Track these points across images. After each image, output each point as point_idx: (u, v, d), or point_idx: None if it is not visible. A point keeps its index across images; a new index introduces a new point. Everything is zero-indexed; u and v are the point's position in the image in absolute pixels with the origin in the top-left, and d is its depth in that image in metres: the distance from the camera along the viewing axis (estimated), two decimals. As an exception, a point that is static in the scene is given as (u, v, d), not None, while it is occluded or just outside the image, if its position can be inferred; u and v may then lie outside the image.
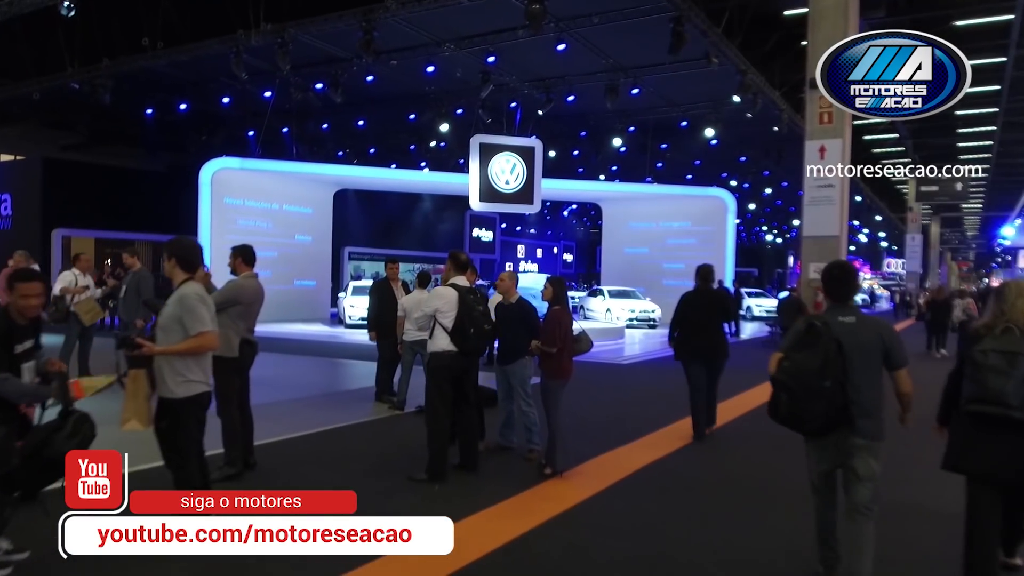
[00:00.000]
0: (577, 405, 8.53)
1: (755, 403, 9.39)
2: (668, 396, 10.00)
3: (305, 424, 7.22)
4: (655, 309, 22.64)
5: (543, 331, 5.41)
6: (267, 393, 9.18)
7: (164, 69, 19.91)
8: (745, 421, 8.30)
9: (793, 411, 3.49)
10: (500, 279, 6.07)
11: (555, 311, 5.42)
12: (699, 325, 7.12)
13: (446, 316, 5.11)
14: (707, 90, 21.14)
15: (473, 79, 18.93)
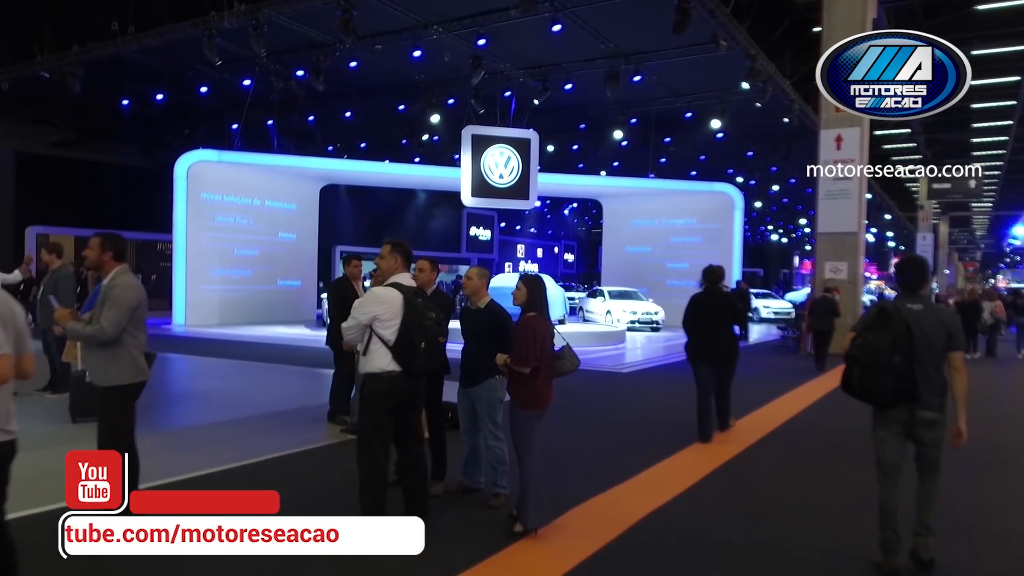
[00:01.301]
0: (564, 427, 7.33)
1: (774, 421, 8.14)
2: (674, 411, 8.76)
3: (231, 454, 5.97)
4: (658, 311, 21.38)
5: (513, 345, 4.18)
6: (201, 413, 8.23)
7: (136, 56, 18.81)
8: (764, 449, 7.05)
9: (864, 384, 3.90)
10: (467, 276, 4.85)
11: (528, 319, 4.18)
12: (708, 327, 7.06)
13: (386, 326, 3.89)
14: (713, 78, 19.92)
15: (463, 65, 17.71)
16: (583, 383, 10.76)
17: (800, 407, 9.33)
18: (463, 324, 4.86)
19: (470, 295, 4.80)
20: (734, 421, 7.73)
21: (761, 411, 8.91)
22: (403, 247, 4.22)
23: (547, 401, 4.29)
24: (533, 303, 4.22)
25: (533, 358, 4.08)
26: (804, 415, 8.85)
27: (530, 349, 4.06)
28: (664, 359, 14.53)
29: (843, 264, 15.85)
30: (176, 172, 19.61)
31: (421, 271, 4.99)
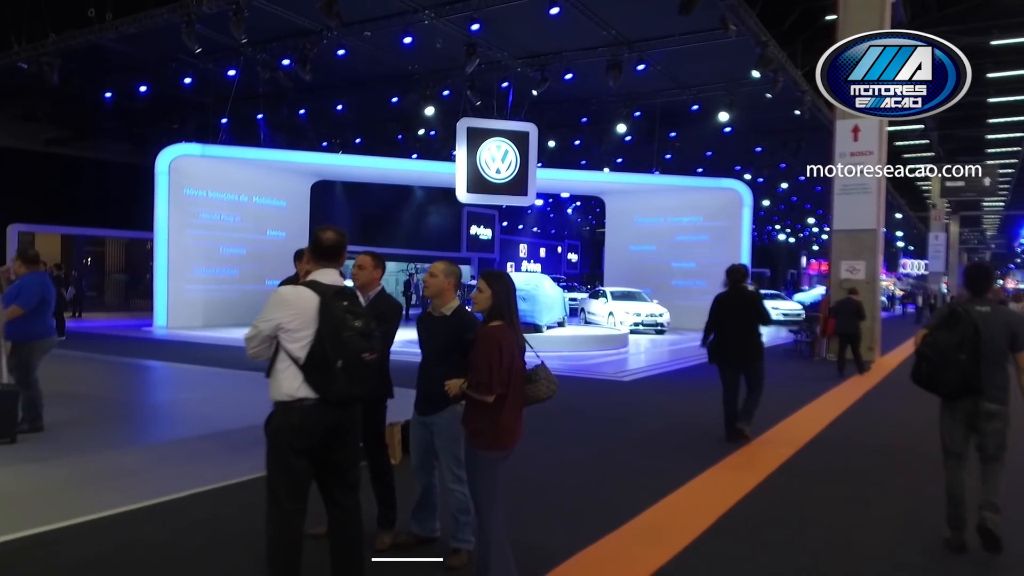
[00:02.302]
0: (550, 451, 6.37)
1: (797, 439, 7.14)
2: (682, 428, 7.80)
3: (156, 486, 5.01)
4: (663, 312, 20.39)
5: (472, 365, 3.21)
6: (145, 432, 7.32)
7: (116, 45, 17.96)
8: (790, 475, 6.08)
9: (932, 376, 4.33)
10: (429, 273, 3.87)
11: (492, 331, 3.22)
12: (733, 327, 6.98)
13: (294, 337, 2.96)
14: (721, 68, 18.94)
15: (457, 54, 16.75)
16: (579, 394, 9.81)
17: (825, 420, 8.36)
18: (420, 335, 3.90)
19: (432, 297, 3.83)
20: (749, 429, 7.09)
21: (780, 426, 7.93)
22: (319, 241, 3.19)
23: (514, 438, 3.32)
24: (499, 308, 3.23)
25: (498, 382, 3.12)
26: (832, 430, 7.87)
27: (494, 370, 3.09)
28: (669, 365, 13.56)
29: (860, 263, 14.86)
30: (158, 167, 18.73)
31: (361, 268, 4.05)
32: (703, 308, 23.17)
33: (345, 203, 30.68)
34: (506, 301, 3.24)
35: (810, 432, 7.65)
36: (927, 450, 7.03)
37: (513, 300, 3.28)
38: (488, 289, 3.25)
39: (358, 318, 2.99)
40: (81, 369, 11.20)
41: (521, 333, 3.28)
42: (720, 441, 7.07)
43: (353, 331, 2.94)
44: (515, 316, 3.27)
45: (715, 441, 7.11)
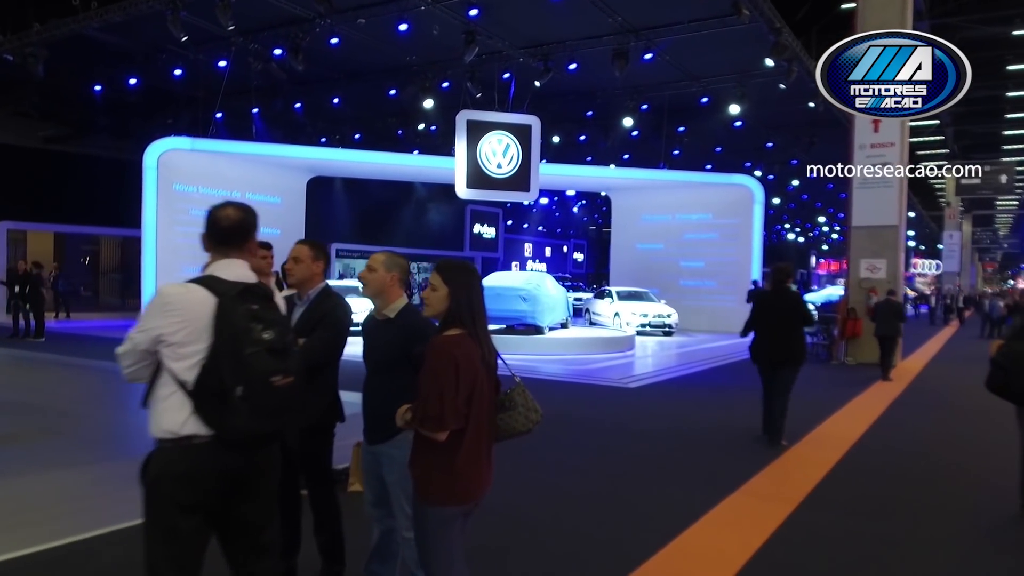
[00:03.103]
0: (540, 474, 5.59)
1: (828, 457, 6.33)
2: (695, 444, 7.00)
3: (60, 526, 4.24)
4: (671, 313, 19.57)
5: (419, 390, 2.39)
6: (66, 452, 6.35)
7: (101, 35, 17.29)
8: (814, 509, 5.28)
9: (1007, 384, 4.68)
10: (367, 267, 3.07)
11: (445, 343, 2.39)
12: (775, 328, 6.87)
13: (179, 353, 2.19)
14: (732, 57, 18.13)
15: (456, 43, 15.99)
16: (579, 402, 9.04)
17: (854, 434, 7.55)
18: (364, 343, 3.13)
19: (373, 297, 3.07)
20: (786, 441, 6.94)
21: (807, 441, 7.14)
22: (216, 222, 2.40)
23: (478, 489, 2.49)
24: (458, 311, 2.41)
25: (453, 414, 2.31)
26: (863, 447, 7.06)
27: (447, 397, 2.29)
28: (678, 370, 12.76)
29: (880, 262, 14.04)
30: (145, 161, 18.04)
31: (296, 261, 3.29)
32: (712, 309, 22.45)
33: (344, 200, 29.98)
34: (467, 302, 2.41)
35: (840, 449, 6.85)
36: (972, 470, 6.37)
37: (478, 300, 2.46)
38: (443, 286, 2.41)
39: (269, 328, 2.22)
40: (43, 376, 10.50)
41: (490, 344, 2.50)
42: (738, 459, 6.30)
43: (259, 345, 2.17)
44: (481, 322, 2.46)
45: (732, 459, 6.34)
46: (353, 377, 3.42)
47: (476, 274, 2.50)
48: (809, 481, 5.67)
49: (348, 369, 3.47)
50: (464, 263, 2.53)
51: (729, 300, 21.74)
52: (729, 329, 21.20)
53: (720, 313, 21.75)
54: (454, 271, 2.45)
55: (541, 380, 10.94)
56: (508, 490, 4.88)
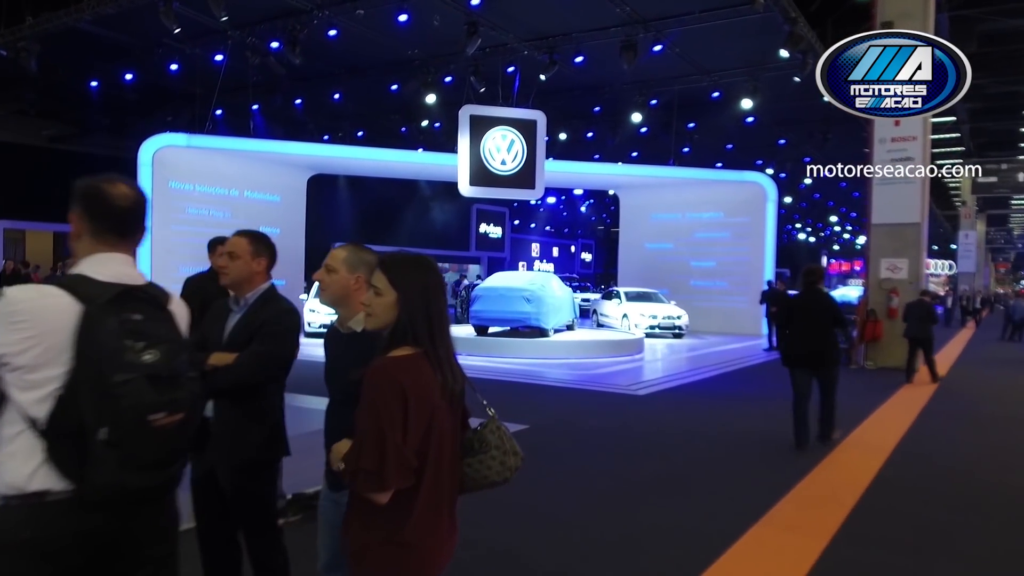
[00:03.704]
0: (536, 500, 5.01)
1: (859, 477, 5.73)
2: (712, 460, 6.40)
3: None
4: (681, 315, 18.94)
5: (354, 431, 1.74)
6: None
7: (94, 28, 16.85)
8: (849, 543, 4.68)
9: None
10: (325, 267, 2.51)
11: (389, 368, 1.74)
12: (806, 330, 6.81)
13: (32, 381, 1.59)
14: (745, 49, 17.52)
15: (458, 36, 15.44)
16: (586, 412, 8.47)
17: (884, 449, 6.95)
18: (325, 364, 2.57)
19: (333, 304, 2.51)
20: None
21: (834, 457, 6.54)
22: (110, 196, 1.82)
23: (433, 565, 1.85)
24: (410, 324, 1.79)
25: (397, 468, 1.69)
26: (896, 464, 6.46)
27: (390, 446, 1.68)
28: (690, 374, 12.15)
29: (902, 261, 13.39)
30: (140, 158, 17.56)
31: (232, 257, 2.72)
32: (723, 310, 21.83)
33: (347, 199, 29.50)
34: (423, 310, 1.79)
35: (871, 467, 6.24)
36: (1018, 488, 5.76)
37: (438, 308, 1.84)
38: (390, 289, 1.79)
39: (153, 347, 1.65)
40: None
41: (455, 366, 1.88)
42: (759, 480, 5.71)
43: (135, 371, 1.60)
44: (442, 337, 1.84)
45: (753, 479, 5.75)
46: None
47: (435, 272, 1.88)
48: (841, 506, 5.07)
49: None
50: (419, 258, 1.89)
51: (741, 301, 21.11)
52: (741, 331, 20.62)
53: (732, 314, 21.12)
54: (405, 268, 1.82)
55: (545, 386, 10.37)
56: (503, 519, 4.32)
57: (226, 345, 2.64)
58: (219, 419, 2.61)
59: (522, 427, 7.18)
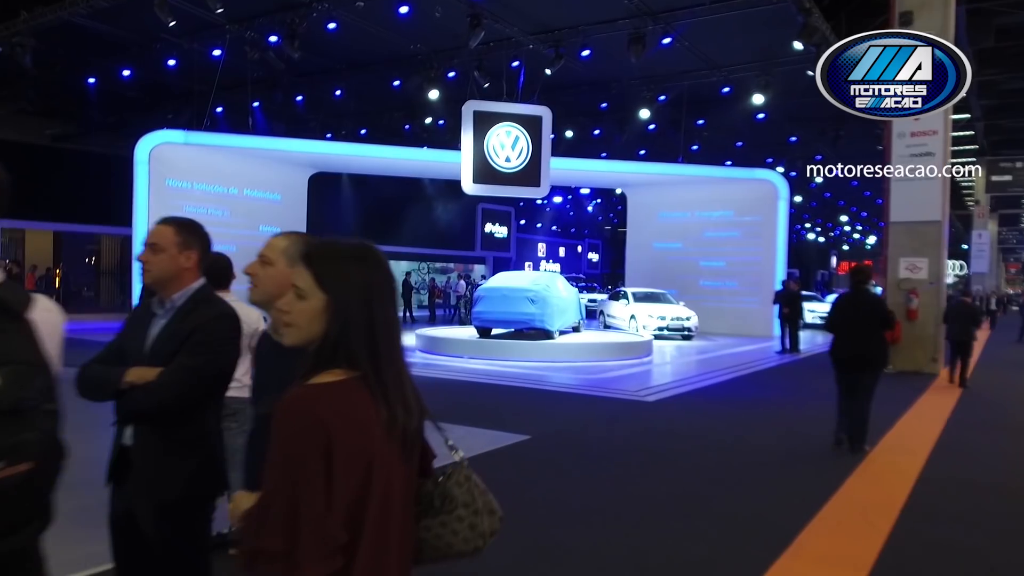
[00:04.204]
0: (534, 523, 4.53)
1: (892, 498, 5.23)
2: (729, 479, 5.90)
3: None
4: (690, 316, 18.43)
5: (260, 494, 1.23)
6: None
7: (89, 23, 16.50)
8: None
9: None
10: (260, 259, 2.10)
11: (305, 399, 1.23)
12: (854, 330, 6.71)
13: None
14: (756, 43, 17.03)
15: (462, 29, 14.99)
16: (592, 421, 7.99)
17: (915, 463, 6.45)
18: (254, 378, 2.10)
19: (265, 304, 2.05)
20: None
21: (861, 474, 6.04)
22: None
23: None
24: (342, 339, 1.27)
25: (316, 549, 1.17)
26: (930, 482, 5.96)
27: (301, 516, 1.17)
28: (700, 379, 11.64)
29: (922, 261, 12.86)
30: (136, 156, 17.21)
31: (154, 250, 2.25)
32: (734, 311, 21.31)
33: (350, 198, 29.08)
34: (364, 319, 1.30)
35: (904, 485, 5.74)
36: None
37: (384, 316, 1.33)
38: (317, 290, 1.30)
39: None
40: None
41: (407, 396, 1.34)
42: (781, 500, 5.23)
43: None
44: (389, 356, 1.32)
45: (776, 496, 5.27)
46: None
47: (380, 267, 1.36)
48: (876, 533, 4.57)
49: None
50: (359, 247, 1.37)
51: (752, 302, 20.59)
52: (752, 333, 20.09)
53: (742, 315, 20.60)
54: (337, 262, 1.32)
55: (549, 392, 9.91)
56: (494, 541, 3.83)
57: (148, 357, 2.18)
58: (139, 448, 2.16)
59: (522, 438, 6.72)
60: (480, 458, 6.02)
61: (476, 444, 6.41)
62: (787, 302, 15.84)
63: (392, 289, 1.36)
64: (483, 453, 6.15)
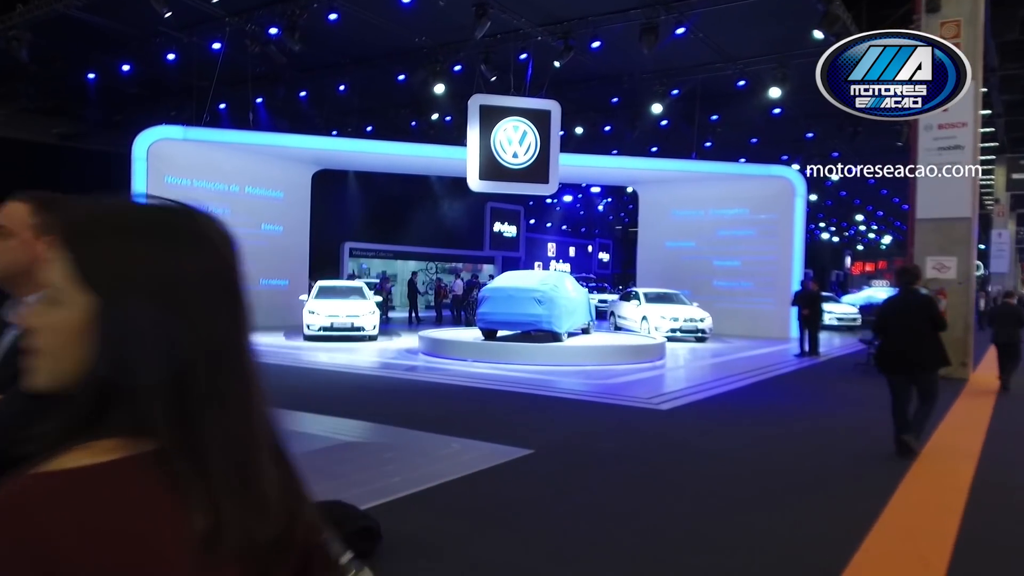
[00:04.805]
0: (531, 544, 3.97)
1: (942, 526, 4.63)
2: (756, 501, 5.31)
3: None
4: (704, 317, 17.80)
5: None
6: None
7: (85, 16, 16.09)
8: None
9: None
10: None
11: (11, 503, 0.64)
12: (904, 333, 6.55)
13: None
14: (773, 34, 16.42)
15: (467, 19, 14.46)
16: (602, 431, 7.42)
17: (960, 483, 5.85)
18: None
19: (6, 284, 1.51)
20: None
21: (904, 495, 5.45)
22: None
23: None
24: (108, 387, 0.69)
25: None
26: (979, 506, 5.36)
27: None
28: (717, 384, 11.04)
29: (950, 260, 12.21)
30: (135, 152, 16.79)
31: (5, 235, 1.67)
32: (749, 312, 20.60)
33: (356, 196, 28.62)
34: (167, 342, 0.70)
35: (952, 509, 5.14)
36: None
37: (211, 338, 0.74)
38: (77, 289, 0.71)
39: None
40: None
41: (263, 481, 0.75)
42: (816, 528, 4.64)
43: None
44: (222, 412, 0.72)
45: (808, 526, 4.68)
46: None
47: (199, 244, 0.79)
48: (924, 568, 3.98)
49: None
50: (156, 212, 0.81)
51: (768, 302, 19.96)
52: (768, 335, 19.45)
53: (758, 317, 19.96)
54: (115, 240, 0.73)
55: (556, 398, 9.34)
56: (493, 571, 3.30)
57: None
58: None
59: (526, 452, 6.17)
60: (475, 477, 5.47)
61: (472, 460, 5.86)
62: (807, 303, 15.19)
63: (232, 285, 0.80)
64: (479, 471, 5.60)
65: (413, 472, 5.50)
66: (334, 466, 5.56)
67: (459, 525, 4.43)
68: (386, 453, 6.10)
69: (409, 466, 5.66)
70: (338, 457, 5.87)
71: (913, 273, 6.85)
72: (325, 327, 15.32)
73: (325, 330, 15.33)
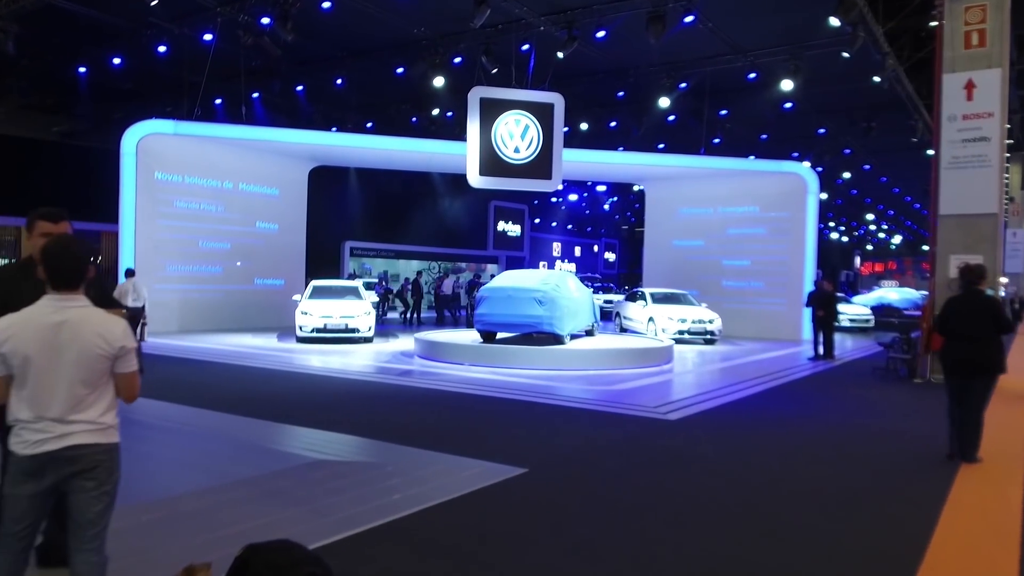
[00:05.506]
0: None
1: (994, 559, 3.99)
2: (783, 536, 4.65)
3: None
4: (713, 318, 17.12)
5: None
6: None
7: (72, 6, 15.54)
8: None
9: None
10: None
11: None
12: (965, 334, 6.29)
13: None
14: (786, 23, 15.77)
15: (466, 8, 13.83)
16: (603, 444, 6.79)
17: (1011, 507, 5.20)
18: None
19: None
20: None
21: (950, 522, 4.80)
22: None
23: None
24: None
25: None
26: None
27: None
28: (728, 391, 10.37)
29: (976, 258, 11.48)
30: (123, 147, 16.22)
31: None
32: (760, 313, 19.84)
33: (356, 194, 28.06)
34: None
35: (1012, 511, 4.50)
36: None
37: None
38: None
39: None
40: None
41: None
42: (850, 565, 4.01)
43: None
44: None
45: (841, 564, 4.05)
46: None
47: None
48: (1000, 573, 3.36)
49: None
50: None
51: (779, 303, 19.29)
52: (779, 336, 18.77)
53: (769, 318, 19.29)
54: None
55: (556, 407, 8.71)
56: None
57: None
58: None
59: (519, 471, 5.54)
60: (459, 502, 4.84)
61: (459, 482, 5.23)
62: (822, 304, 14.50)
63: None
64: (464, 495, 4.97)
65: (390, 496, 4.88)
66: (299, 489, 4.93)
67: (437, 568, 3.81)
68: (363, 473, 5.48)
69: (387, 489, 5.04)
70: (307, 478, 5.24)
71: (977, 272, 6.52)
72: (318, 328, 14.72)
73: (318, 332, 14.73)
